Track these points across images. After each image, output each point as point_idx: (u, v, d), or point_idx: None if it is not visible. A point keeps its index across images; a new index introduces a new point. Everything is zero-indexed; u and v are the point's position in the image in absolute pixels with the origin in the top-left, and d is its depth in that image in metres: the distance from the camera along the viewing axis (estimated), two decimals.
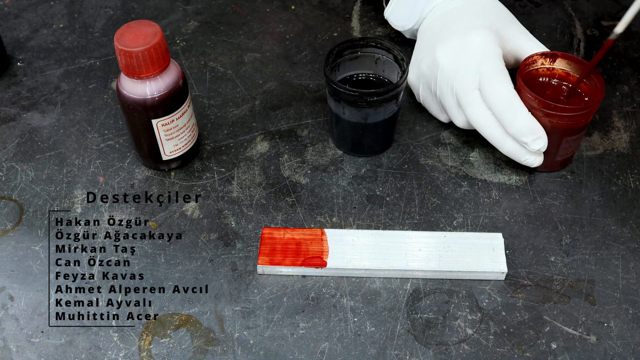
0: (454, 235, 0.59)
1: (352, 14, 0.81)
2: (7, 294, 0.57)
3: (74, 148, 0.67)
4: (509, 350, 0.53)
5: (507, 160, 0.66)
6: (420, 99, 0.68)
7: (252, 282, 0.57)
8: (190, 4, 0.82)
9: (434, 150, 0.67)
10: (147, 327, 0.55)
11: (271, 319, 0.55)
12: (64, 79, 0.74)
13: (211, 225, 0.61)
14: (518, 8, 0.81)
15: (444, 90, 0.63)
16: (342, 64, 0.65)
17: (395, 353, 0.53)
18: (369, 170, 0.65)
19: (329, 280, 0.57)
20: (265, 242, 0.59)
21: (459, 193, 0.63)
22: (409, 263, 0.57)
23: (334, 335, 0.54)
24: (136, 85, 0.58)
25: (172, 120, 0.60)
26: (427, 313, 0.55)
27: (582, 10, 0.80)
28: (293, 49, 0.77)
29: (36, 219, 0.62)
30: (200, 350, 0.53)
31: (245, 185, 0.64)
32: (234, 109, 0.71)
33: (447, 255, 0.58)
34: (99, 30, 0.79)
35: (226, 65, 0.75)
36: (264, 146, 0.67)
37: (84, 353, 0.54)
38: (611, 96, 0.71)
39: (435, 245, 0.58)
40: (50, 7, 0.82)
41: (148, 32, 0.56)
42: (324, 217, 0.62)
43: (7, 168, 0.66)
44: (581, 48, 0.76)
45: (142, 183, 0.64)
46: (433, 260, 0.57)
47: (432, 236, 0.59)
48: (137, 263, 0.59)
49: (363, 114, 0.62)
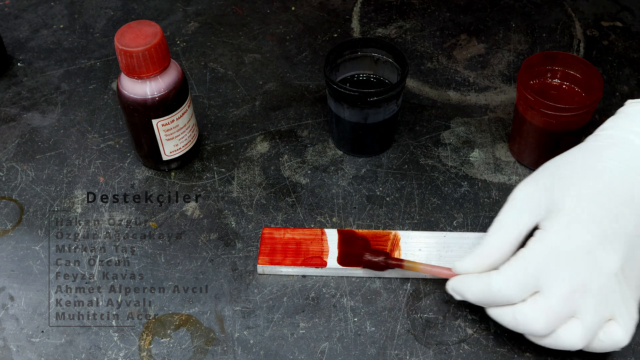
0: (454, 235, 0.59)
1: (352, 15, 0.81)
2: (7, 294, 0.57)
3: (74, 148, 0.67)
4: (509, 350, 0.53)
5: (507, 160, 0.66)
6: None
7: (252, 282, 0.57)
8: (191, 4, 0.82)
9: (434, 150, 0.67)
10: (147, 327, 0.55)
11: (271, 318, 0.55)
12: (65, 80, 0.74)
13: (211, 225, 0.61)
14: (518, 8, 0.81)
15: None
16: (342, 65, 0.65)
17: (395, 353, 0.53)
18: (369, 171, 0.65)
19: (329, 280, 0.57)
20: (265, 242, 0.59)
21: (459, 193, 0.63)
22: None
23: (334, 335, 0.54)
24: (136, 85, 0.58)
25: (172, 120, 0.60)
26: (427, 313, 0.55)
27: (582, 11, 0.81)
28: (293, 49, 0.77)
29: (36, 219, 0.62)
30: (200, 350, 0.53)
31: (246, 186, 0.64)
32: (234, 110, 0.71)
33: (447, 255, 0.58)
34: (99, 30, 0.79)
35: (226, 65, 0.75)
36: (264, 146, 0.67)
37: (84, 353, 0.54)
38: (611, 96, 0.71)
39: (435, 245, 0.58)
40: (51, 8, 0.82)
41: (148, 32, 0.56)
42: (324, 217, 0.62)
43: (7, 168, 0.66)
44: (581, 48, 0.76)
45: (142, 183, 0.64)
46: (433, 260, 0.57)
47: (432, 236, 0.59)
48: (137, 263, 0.59)
49: (363, 114, 0.62)
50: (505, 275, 0.49)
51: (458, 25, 0.79)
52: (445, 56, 0.76)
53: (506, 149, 0.67)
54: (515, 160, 0.66)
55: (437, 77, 0.74)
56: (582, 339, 0.48)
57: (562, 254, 0.48)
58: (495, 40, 0.77)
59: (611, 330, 0.48)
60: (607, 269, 0.48)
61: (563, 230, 0.48)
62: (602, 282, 0.47)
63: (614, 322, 0.48)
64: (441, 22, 0.80)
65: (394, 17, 0.80)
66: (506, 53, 0.76)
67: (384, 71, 0.66)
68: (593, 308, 0.47)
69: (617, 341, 0.49)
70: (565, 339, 0.48)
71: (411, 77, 0.74)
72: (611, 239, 0.48)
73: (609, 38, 0.77)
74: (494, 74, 0.74)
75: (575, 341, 0.48)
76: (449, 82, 0.73)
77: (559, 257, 0.48)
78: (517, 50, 0.76)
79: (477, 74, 0.74)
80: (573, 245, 0.48)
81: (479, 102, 0.71)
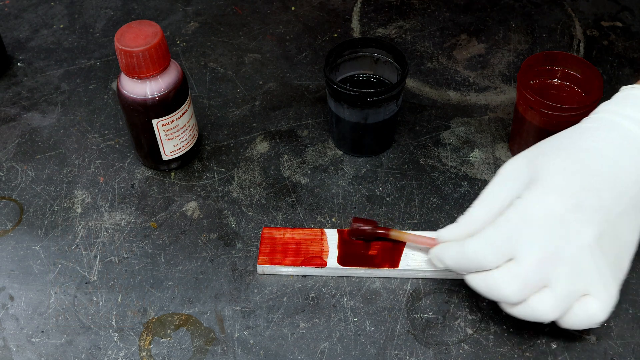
0: None
1: (352, 15, 0.81)
2: (7, 294, 0.57)
3: (74, 148, 0.67)
4: (509, 350, 0.53)
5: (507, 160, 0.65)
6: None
7: (252, 282, 0.57)
8: (191, 4, 0.82)
9: (434, 150, 0.67)
10: (147, 327, 0.55)
11: (271, 318, 0.55)
12: (64, 80, 0.74)
13: (211, 225, 0.61)
14: (518, 8, 0.81)
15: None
16: (342, 65, 0.65)
17: (395, 353, 0.53)
18: (369, 171, 0.65)
19: (329, 280, 0.57)
20: (265, 242, 0.59)
21: (459, 193, 0.63)
22: (409, 263, 0.57)
23: (334, 335, 0.54)
24: (136, 85, 0.58)
25: (172, 120, 0.60)
26: (427, 313, 0.55)
27: (582, 11, 0.81)
28: (293, 49, 0.77)
29: (36, 219, 0.62)
30: (200, 350, 0.53)
31: (246, 186, 0.64)
32: (234, 110, 0.71)
33: None
34: (99, 30, 0.79)
35: (226, 66, 0.75)
36: (264, 146, 0.67)
37: (84, 353, 0.54)
38: (611, 96, 0.71)
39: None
40: (51, 8, 0.82)
41: (148, 32, 0.56)
42: (324, 217, 0.62)
43: (7, 168, 0.66)
44: (581, 48, 0.76)
45: (142, 183, 0.64)
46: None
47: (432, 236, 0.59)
48: (137, 263, 0.59)
49: (363, 114, 0.62)
50: (479, 240, 0.50)
51: (458, 25, 0.79)
52: (445, 56, 0.76)
53: (506, 149, 0.67)
54: None
55: (437, 77, 0.74)
56: (554, 309, 0.48)
57: (534, 221, 0.48)
58: (495, 40, 0.77)
59: (587, 305, 0.48)
60: (580, 240, 0.48)
61: (538, 198, 0.49)
62: (575, 252, 0.48)
63: (590, 297, 0.49)
64: (441, 22, 0.80)
65: (394, 17, 0.80)
66: (506, 53, 0.76)
67: (384, 71, 0.66)
68: (565, 277, 0.48)
69: (592, 315, 0.48)
70: (536, 308, 0.48)
71: (411, 77, 0.74)
72: (587, 212, 0.48)
73: (609, 38, 0.77)
74: (494, 74, 0.74)
75: (546, 310, 0.48)
76: (449, 82, 0.73)
77: (532, 223, 0.48)
78: (517, 50, 0.76)
79: (477, 74, 0.74)
80: (546, 213, 0.48)
81: (479, 102, 0.71)
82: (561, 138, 0.53)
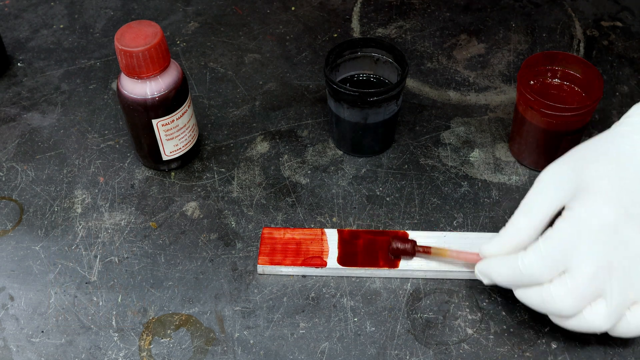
0: (454, 235, 0.59)
1: (352, 15, 0.81)
2: (7, 294, 0.57)
3: (74, 148, 0.67)
4: (509, 350, 0.53)
5: (507, 160, 0.66)
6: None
7: (252, 282, 0.57)
8: (191, 5, 0.82)
9: (434, 150, 0.67)
10: (147, 327, 0.55)
11: (271, 318, 0.55)
12: (64, 80, 0.74)
13: (211, 225, 0.61)
14: (518, 8, 0.81)
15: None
16: (342, 65, 0.65)
17: (395, 353, 0.53)
18: (369, 171, 0.65)
19: (329, 280, 0.57)
20: (265, 242, 0.59)
21: (459, 193, 0.63)
22: (408, 263, 0.57)
23: (334, 335, 0.54)
24: (136, 85, 0.58)
25: (172, 120, 0.60)
26: (427, 313, 0.55)
27: (582, 11, 0.81)
28: (293, 49, 0.77)
29: (36, 219, 0.62)
30: (200, 350, 0.53)
31: (246, 186, 0.64)
32: (234, 110, 0.71)
33: None
34: (99, 30, 0.79)
35: (226, 66, 0.75)
36: (264, 146, 0.67)
37: (84, 353, 0.54)
38: (611, 96, 0.71)
39: (436, 245, 0.58)
40: (51, 8, 0.82)
41: (148, 32, 0.56)
42: (324, 217, 0.62)
43: (7, 168, 0.66)
44: (581, 48, 0.76)
45: (142, 183, 0.64)
46: (433, 260, 0.57)
47: (432, 236, 0.59)
48: (137, 263, 0.59)
49: (363, 114, 0.62)
50: (533, 255, 0.48)
51: (458, 25, 0.79)
52: (445, 56, 0.76)
53: (506, 149, 0.67)
54: (515, 160, 0.66)
55: (437, 77, 0.74)
56: (607, 320, 0.48)
57: (588, 233, 0.48)
58: (495, 40, 0.77)
59: (639, 313, 0.48)
60: (633, 249, 0.48)
61: (590, 209, 0.48)
62: (628, 262, 0.47)
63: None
64: (441, 22, 0.80)
65: (394, 17, 0.80)
66: (506, 53, 0.76)
67: (384, 71, 0.66)
68: (619, 288, 0.47)
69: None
70: (590, 320, 0.48)
71: (411, 77, 0.74)
72: (636, 219, 0.48)
73: (609, 38, 0.77)
74: (494, 74, 0.74)
75: (600, 322, 0.48)
76: (449, 82, 0.73)
77: (586, 236, 0.48)
78: (517, 50, 0.76)
79: (477, 74, 0.74)
80: (600, 224, 0.48)
81: (479, 102, 0.71)
82: (600, 144, 0.52)
